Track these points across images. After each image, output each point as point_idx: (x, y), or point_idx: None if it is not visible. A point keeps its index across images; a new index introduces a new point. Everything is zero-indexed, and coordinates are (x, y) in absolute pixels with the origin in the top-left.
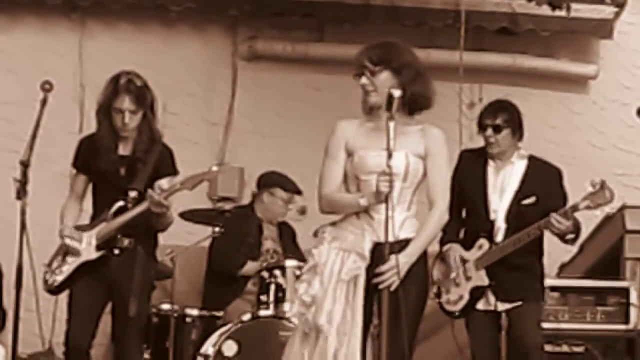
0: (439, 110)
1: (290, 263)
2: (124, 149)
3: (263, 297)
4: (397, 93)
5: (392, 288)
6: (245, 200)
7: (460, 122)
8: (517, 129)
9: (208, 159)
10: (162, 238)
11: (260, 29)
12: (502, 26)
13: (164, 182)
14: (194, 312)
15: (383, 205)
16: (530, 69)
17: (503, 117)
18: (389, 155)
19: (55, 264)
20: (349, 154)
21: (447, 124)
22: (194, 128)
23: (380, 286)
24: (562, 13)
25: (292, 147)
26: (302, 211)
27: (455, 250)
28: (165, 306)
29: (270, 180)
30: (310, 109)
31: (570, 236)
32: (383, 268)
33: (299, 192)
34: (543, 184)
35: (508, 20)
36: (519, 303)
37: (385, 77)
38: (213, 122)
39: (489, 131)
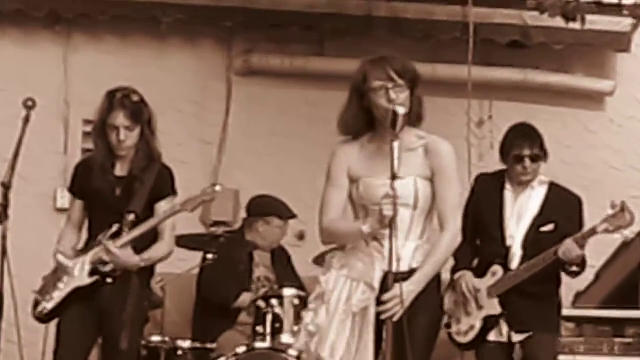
0: (447, 127)
1: (288, 292)
2: (120, 169)
3: (259, 328)
4: (401, 110)
5: (395, 318)
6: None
7: (469, 141)
8: (546, 152)
9: (201, 180)
10: None
11: (256, 42)
12: (513, 39)
13: (163, 205)
14: (186, 344)
15: (393, 233)
16: (543, 84)
17: (538, 144)
18: (393, 177)
19: (45, 291)
20: (353, 181)
21: (455, 142)
22: (185, 147)
23: (383, 316)
24: (576, 25)
25: (289, 166)
26: (301, 236)
27: (468, 278)
28: (156, 338)
29: (264, 209)
30: (309, 127)
31: (575, 268)
32: (386, 297)
33: (294, 217)
34: (563, 212)
35: (519, 33)
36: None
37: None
38: (206, 141)
39: (527, 162)
